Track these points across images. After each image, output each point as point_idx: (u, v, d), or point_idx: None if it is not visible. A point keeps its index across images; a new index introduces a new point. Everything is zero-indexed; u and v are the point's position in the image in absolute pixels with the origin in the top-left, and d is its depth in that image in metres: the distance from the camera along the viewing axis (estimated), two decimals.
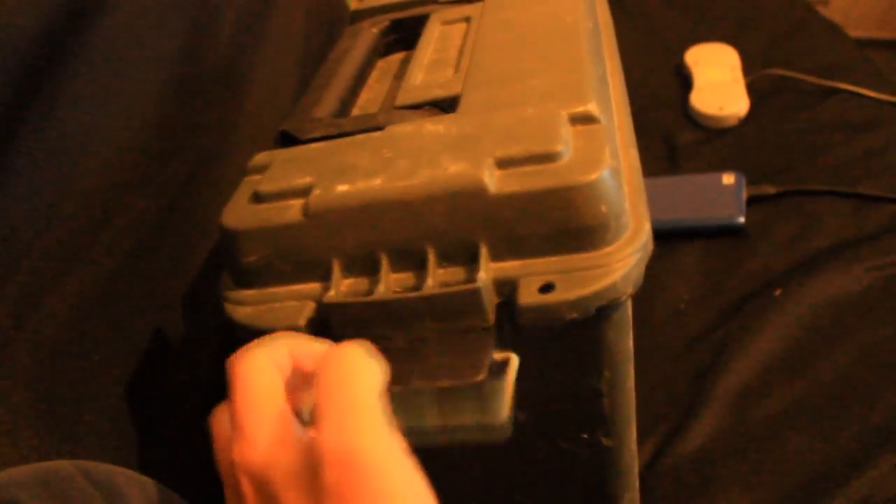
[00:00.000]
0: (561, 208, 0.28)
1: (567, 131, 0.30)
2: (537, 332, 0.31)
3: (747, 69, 0.75)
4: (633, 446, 0.40)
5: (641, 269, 0.30)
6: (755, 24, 0.83)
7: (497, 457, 0.38)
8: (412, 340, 0.30)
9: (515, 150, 0.30)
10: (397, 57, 0.50)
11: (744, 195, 0.62)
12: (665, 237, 0.61)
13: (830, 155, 0.65)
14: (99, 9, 0.44)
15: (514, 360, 0.32)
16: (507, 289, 0.29)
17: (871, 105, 0.70)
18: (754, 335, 0.51)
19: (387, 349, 0.30)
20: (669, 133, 0.73)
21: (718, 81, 0.75)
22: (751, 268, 0.57)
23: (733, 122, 0.72)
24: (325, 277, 0.31)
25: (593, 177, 0.28)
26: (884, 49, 1.31)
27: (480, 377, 0.29)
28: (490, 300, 0.29)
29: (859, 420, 0.45)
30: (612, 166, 0.29)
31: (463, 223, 0.29)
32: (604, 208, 0.29)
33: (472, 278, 0.29)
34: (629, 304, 0.33)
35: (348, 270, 0.31)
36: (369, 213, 0.30)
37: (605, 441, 0.37)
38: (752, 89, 0.73)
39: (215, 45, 0.58)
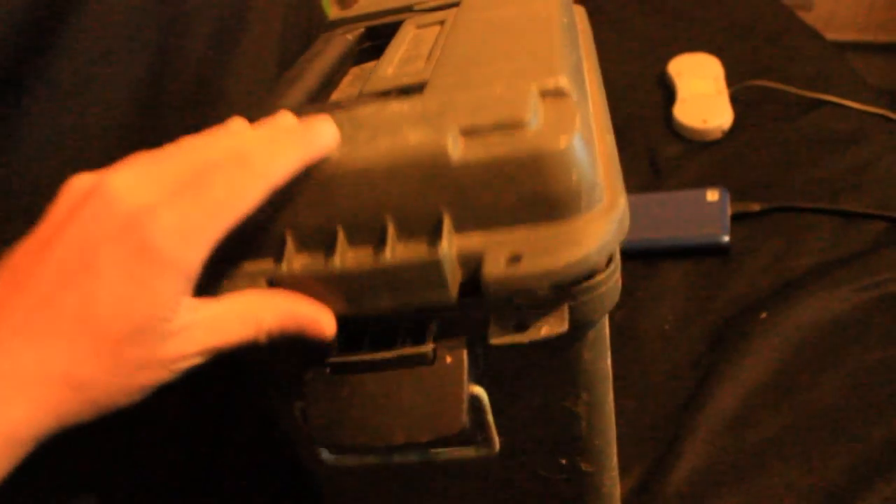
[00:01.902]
0: (529, 176, 0.26)
1: (536, 102, 0.28)
2: (511, 357, 0.30)
3: (731, 79, 0.74)
4: (614, 472, 0.39)
5: (615, 245, 0.28)
6: (738, 33, 0.82)
7: (474, 484, 0.37)
8: (383, 386, 0.29)
9: (481, 119, 0.28)
10: (372, 64, 0.48)
11: (728, 212, 0.60)
12: (648, 256, 0.60)
13: (815, 169, 0.64)
14: (64, 27, 0.42)
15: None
16: (472, 264, 0.27)
17: (856, 117, 0.69)
18: (741, 359, 0.50)
19: (360, 397, 0.29)
20: (653, 146, 0.71)
21: (702, 93, 0.73)
22: (736, 288, 0.56)
23: (717, 134, 0.70)
24: (278, 254, 0.29)
25: (563, 143, 0.26)
26: (867, 52, 1.30)
27: (461, 426, 0.28)
28: (453, 274, 0.27)
29: (849, 450, 0.44)
30: (582, 133, 0.27)
31: (425, 194, 0.27)
32: (575, 177, 0.26)
33: (433, 251, 0.27)
34: (605, 322, 0.32)
35: (303, 245, 0.28)
36: (324, 184, 0.28)
37: (584, 466, 0.36)
38: (735, 101, 0.72)
39: (187, 58, 0.56)
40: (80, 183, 0.26)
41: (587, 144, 0.28)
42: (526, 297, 0.27)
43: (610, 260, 0.29)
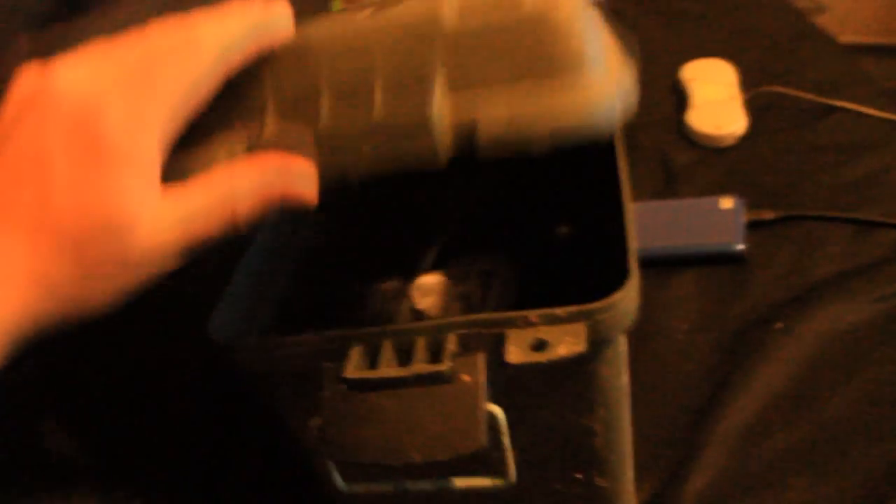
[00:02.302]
0: (529, 43, 0.25)
1: None
2: (527, 375, 0.30)
3: (744, 85, 0.74)
4: (630, 486, 0.39)
5: (617, 114, 0.26)
6: (752, 38, 0.81)
7: (488, 499, 0.37)
8: (401, 404, 0.29)
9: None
10: None
11: (743, 220, 0.60)
12: (662, 264, 0.60)
13: (830, 176, 0.64)
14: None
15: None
16: (466, 126, 0.25)
17: (871, 123, 0.68)
18: (755, 370, 0.50)
19: (377, 414, 0.29)
20: (666, 152, 0.71)
21: (715, 99, 0.73)
22: (751, 298, 0.55)
23: (731, 141, 0.70)
24: (260, 122, 0.27)
25: (566, 8, 0.25)
26: (882, 55, 1.29)
27: (479, 445, 0.28)
28: (444, 133, 0.26)
29: (865, 463, 0.44)
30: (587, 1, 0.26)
31: (416, 59, 0.25)
32: (576, 42, 0.25)
33: (424, 107, 0.25)
34: (623, 339, 0.32)
35: (285, 111, 0.27)
36: (310, 50, 0.27)
37: (599, 481, 0.36)
38: (749, 107, 0.71)
39: None
40: (27, 81, 0.25)
41: (591, 14, 0.26)
42: (523, 149, 0.25)
43: (627, 277, 0.28)
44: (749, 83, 0.74)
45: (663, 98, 0.77)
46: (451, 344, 0.29)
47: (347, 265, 0.53)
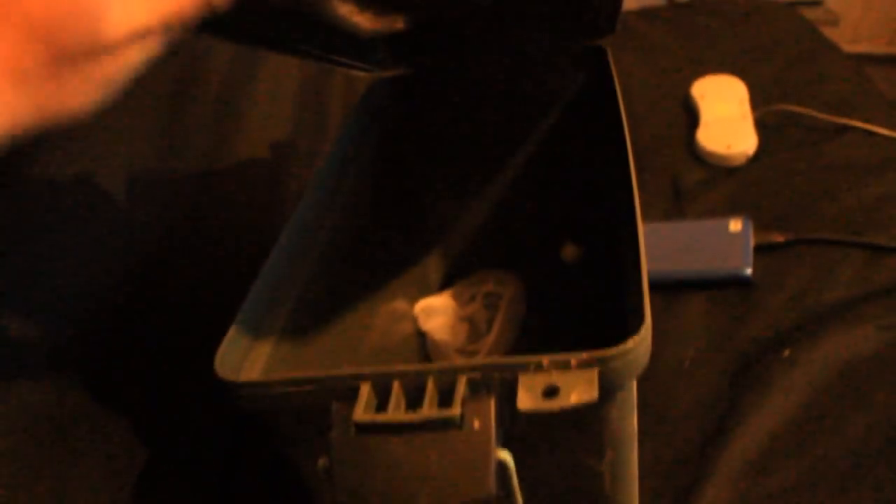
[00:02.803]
0: None
1: None
2: (536, 419, 0.30)
3: (755, 103, 0.73)
4: None
5: None
6: (763, 54, 0.80)
7: None
8: (410, 448, 0.29)
9: None
10: None
11: (751, 243, 0.60)
12: (668, 288, 0.59)
13: (842, 198, 0.63)
14: None
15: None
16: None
17: (885, 143, 0.68)
18: (762, 400, 0.49)
19: (386, 459, 0.29)
20: (675, 171, 0.71)
21: (726, 117, 0.72)
22: (758, 323, 0.55)
23: (741, 160, 0.69)
24: None
25: None
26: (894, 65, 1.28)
27: (488, 492, 0.28)
28: None
29: (873, 500, 0.43)
30: None
31: None
32: None
33: None
34: (634, 384, 0.31)
35: None
36: None
37: None
38: (760, 125, 0.71)
39: (206, 83, 0.56)
40: None
41: None
42: None
43: (641, 324, 0.28)
44: (760, 100, 0.73)
45: (674, 115, 0.76)
46: (462, 387, 0.29)
47: (355, 286, 0.53)
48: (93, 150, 0.43)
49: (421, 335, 0.63)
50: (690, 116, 0.75)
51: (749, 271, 0.58)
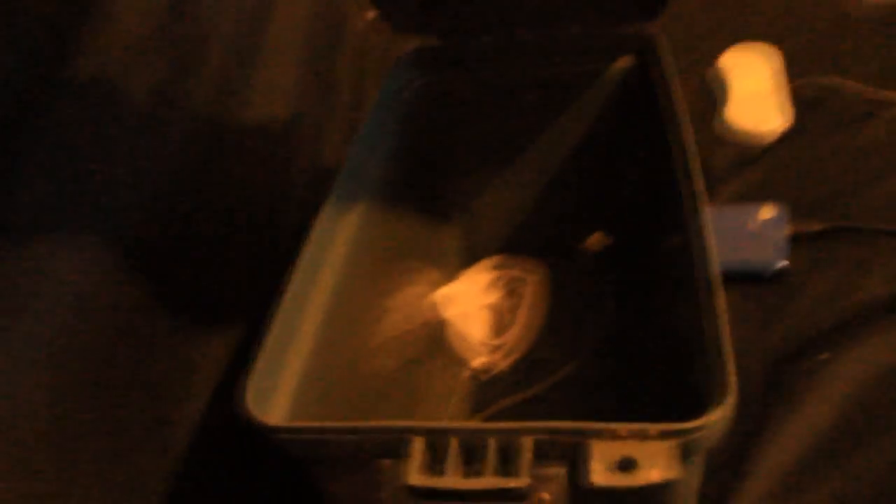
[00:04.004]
0: None
1: None
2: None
3: (790, 74, 0.69)
4: None
5: None
6: (799, 20, 0.75)
7: None
8: None
9: None
10: None
11: (785, 233, 0.57)
12: None
13: (885, 182, 0.60)
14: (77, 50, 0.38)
15: None
16: None
17: None
18: (797, 408, 0.47)
19: None
20: (700, 151, 0.67)
21: (757, 90, 0.68)
22: (793, 322, 0.53)
23: (772, 139, 0.66)
24: None
25: None
26: None
27: None
28: None
29: None
30: None
31: None
32: None
33: None
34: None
35: None
36: None
37: None
38: (795, 99, 0.67)
39: (207, 60, 0.52)
40: None
41: None
42: None
43: (727, 394, 0.26)
44: (794, 72, 0.69)
45: (699, 89, 0.72)
46: (528, 452, 0.27)
47: (377, 269, 0.50)
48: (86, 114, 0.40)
49: (442, 321, 0.61)
50: (718, 90, 0.71)
51: (783, 264, 0.56)
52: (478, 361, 0.57)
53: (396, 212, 0.53)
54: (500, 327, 0.59)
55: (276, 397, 0.34)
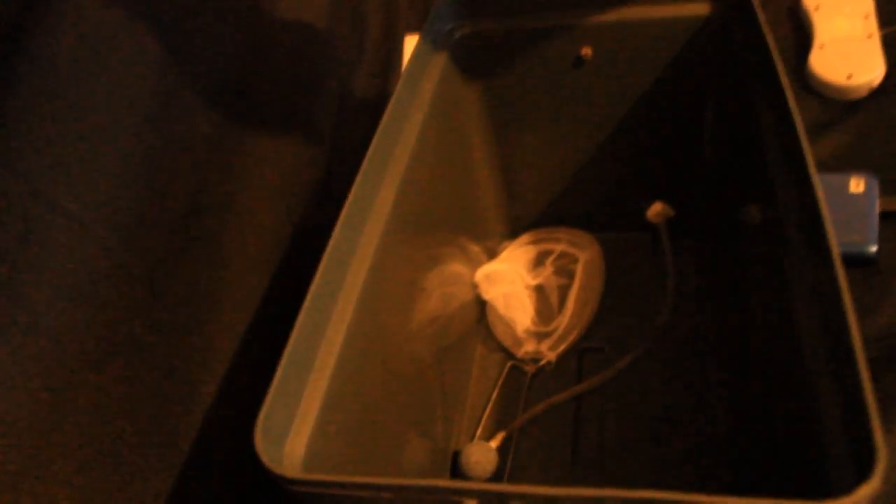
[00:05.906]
0: None
1: None
2: None
3: (884, 18, 0.60)
4: None
5: None
6: None
7: None
8: None
9: None
10: None
11: (876, 210, 0.50)
12: None
13: None
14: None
15: None
16: None
17: None
18: (890, 422, 0.43)
19: None
20: None
21: (846, 36, 0.60)
22: (885, 315, 0.47)
23: (864, 92, 0.58)
24: None
25: None
26: None
27: None
28: None
29: None
30: None
31: None
32: None
33: None
34: None
35: None
36: None
37: None
38: (889, 47, 0.58)
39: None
40: None
41: None
42: None
43: (875, 462, 0.21)
44: (890, 16, 0.60)
45: (780, 34, 0.63)
46: None
47: (411, 247, 0.46)
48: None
49: (482, 302, 0.56)
50: (801, 35, 0.63)
51: (873, 249, 0.49)
52: (522, 351, 0.53)
53: (433, 178, 0.48)
54: (547, 312, 0.54)
55: (300, 404, 0.32)
